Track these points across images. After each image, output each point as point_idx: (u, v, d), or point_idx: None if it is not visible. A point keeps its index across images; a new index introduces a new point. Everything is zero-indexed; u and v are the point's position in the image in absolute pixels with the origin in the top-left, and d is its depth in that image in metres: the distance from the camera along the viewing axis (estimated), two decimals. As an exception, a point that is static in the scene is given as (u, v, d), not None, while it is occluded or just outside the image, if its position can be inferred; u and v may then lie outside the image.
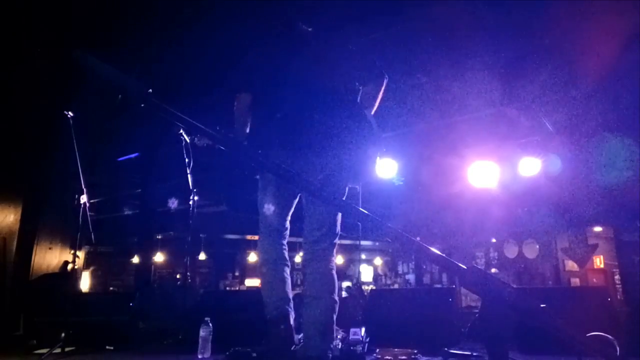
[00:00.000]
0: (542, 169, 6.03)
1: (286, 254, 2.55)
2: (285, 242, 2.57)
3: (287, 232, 2.58)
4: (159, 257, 11.94)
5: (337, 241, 2.51)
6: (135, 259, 10.76)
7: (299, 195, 2.57)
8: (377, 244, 14.00)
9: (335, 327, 2.48)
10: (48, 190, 5.56)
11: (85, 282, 11.22)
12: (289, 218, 2.58)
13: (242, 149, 2.27)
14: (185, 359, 3.52)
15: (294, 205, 2.59)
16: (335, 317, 2.41)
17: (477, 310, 6.17)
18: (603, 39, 4.34)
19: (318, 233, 2.47)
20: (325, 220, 2.47)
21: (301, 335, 2.71)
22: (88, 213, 3.94)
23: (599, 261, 10.19)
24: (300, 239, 2.58)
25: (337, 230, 2.50)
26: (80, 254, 5.58)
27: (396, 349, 3.22)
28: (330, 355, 2.35)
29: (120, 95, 1.57)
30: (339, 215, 2.51)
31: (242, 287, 13.36)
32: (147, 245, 8.72)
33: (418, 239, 1.56)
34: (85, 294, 7.98)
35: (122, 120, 5.85)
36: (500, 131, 6.04)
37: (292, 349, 2.40)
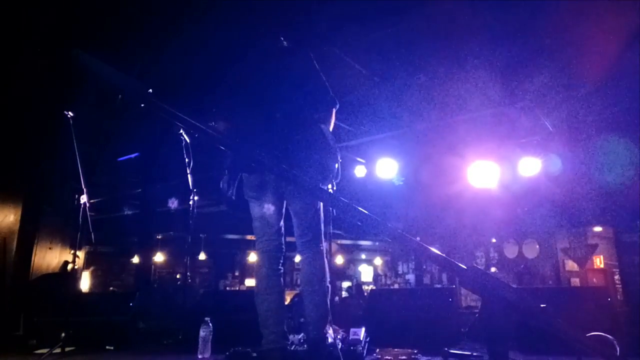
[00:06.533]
0: (542, 169, 6.03)
1: (281, 278, 2.73)
2: (282, 261, 2.75)
3: (283, 242, 2.78)
4: (159, 257, 11.93)
5: (321, 228, 2.76)
6: (135, 259, 10.76)
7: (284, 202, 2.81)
8: (377, 244, 14.00)
9: (333, 325, 2.75)
10: (48, 190, 5.56)
11: (85, 282, 11.23)
12: (282, 223, 2.80)
13: (242, 148, 2.30)
14: (185, 359, 3.52)
15: (283, 208, 2.81)
16: (328, 299, 2.71)
17: (477, 310, 6.17)
18: (603, 39, 4.34)
19: (302, 227, 2.75)
20: (306, 214, 2.74)
21: (301, 335, 3.12)
22: (88, 213, 3.93)
23: (599, 261, 10.19)
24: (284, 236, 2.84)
25: (320, 222, 2.77)
26: (80, 254, 5.57)
27: (396, 349, 3.22)
28: (328, 331, 2.69)
29: (120, 96, 1.57)
30: (320, 207, 2.77)
31: (242, 287, 13.36)
32: (147, 245, 8.71)
33: (418, 239, 1.56)
34: (85, 294, 7.98)
35: (122, 120, 5.84)
36: (500, 131, 6.04)
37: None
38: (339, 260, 13.61)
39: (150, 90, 1.48)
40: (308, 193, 2.66)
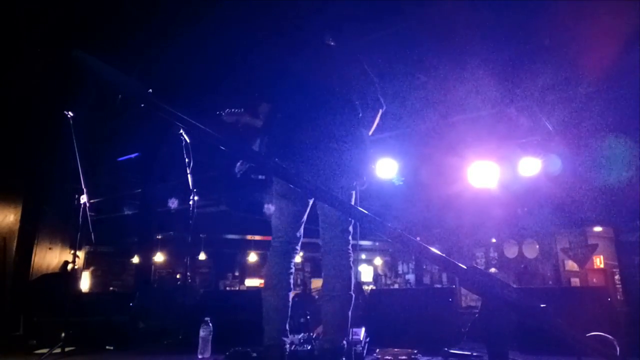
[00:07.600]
0: (542, 169, 6.03)
1: (292, 278, 2.66)
2: (294, 261, 2.69)
3: (299, 245, 2.71)
4: (159, 257, 11.93)
5: (350, 230, 2.66)
6: (135, 259, 10.75)
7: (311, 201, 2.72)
8: (377, 244, 14.00)
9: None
10: (48, 190, 5.56)
11: (85, 282, 11.23)
12: (302, 228, 2.72)
13: (247, 152, 2.28)
14: (186, 359, 3.52)
15: (307, 212, 2.72)
16: (350, 311, 2.58)
17: (477, 310, 6.17)
18: (603, 39, 4.34)
19: (329, 229, 2.65)
20: (333, 217, 2.63)
21: (301, 335, 3.11)
22: (88, 213, 3.94)
23: (599, 261, 10.20)
24: (301, 240, 2.75)
25: (350, 227, 2.66)
26: (80, 254, 5.58)
27: (396, 349, 3.22)
28: (345, 345, 2.53)
29: (120, 95, 1.57)
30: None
31: (242, 287, 13.36)
32: (147, 245, 8.71)
33: (418, 239, 1.56)
34: (85, 294, 7.98)
35: (122, 120, 5.84)
36: (500, 131, 6.03)
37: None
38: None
39: (150, 90, 1.48)
40: (308, 193, 2.60)
